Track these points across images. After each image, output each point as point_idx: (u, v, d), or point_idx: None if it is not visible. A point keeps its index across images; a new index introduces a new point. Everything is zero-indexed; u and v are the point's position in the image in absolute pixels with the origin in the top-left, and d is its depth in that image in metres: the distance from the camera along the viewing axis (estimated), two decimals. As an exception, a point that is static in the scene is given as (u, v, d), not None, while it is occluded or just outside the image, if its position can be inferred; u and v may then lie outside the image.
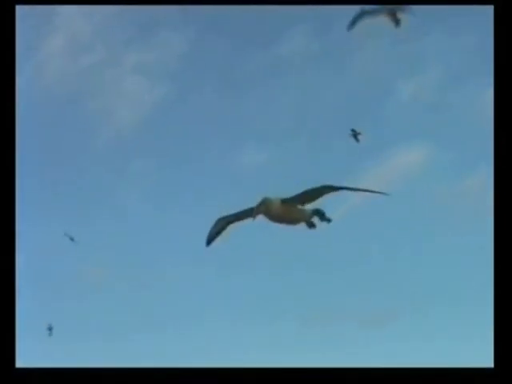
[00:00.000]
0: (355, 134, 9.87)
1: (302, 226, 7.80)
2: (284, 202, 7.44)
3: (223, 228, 7.76)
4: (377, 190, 7.24)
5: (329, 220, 7.70)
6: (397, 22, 8.78)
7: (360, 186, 7.52)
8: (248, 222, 7.58)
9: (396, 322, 12.79)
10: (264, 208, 7.30)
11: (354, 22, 8.90)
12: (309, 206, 7.67)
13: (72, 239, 10.53)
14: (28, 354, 6.53)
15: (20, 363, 5.20)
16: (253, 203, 7.44)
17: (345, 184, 7.30)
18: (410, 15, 8.40)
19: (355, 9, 9.06)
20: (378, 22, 8.79)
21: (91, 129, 14.71)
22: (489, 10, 5.17)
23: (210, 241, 7.69)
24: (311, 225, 7.77)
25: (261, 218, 7.48)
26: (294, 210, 7.56)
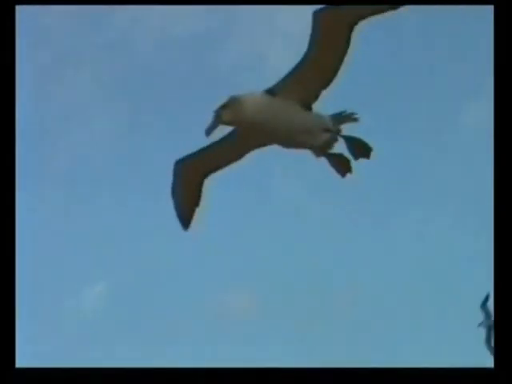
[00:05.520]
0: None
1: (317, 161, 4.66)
2: (273, 93, 4.39)
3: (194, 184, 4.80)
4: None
5: (369, 150, 4.63)
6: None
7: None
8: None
9: (392, 319, 12.81)
10: (231, 113, 4.26)
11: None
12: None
13: None
14: (28, 354, 6.52)
15: (20, 363, 5.20)
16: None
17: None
18: None
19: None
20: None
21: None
22: (489, 10, 5.16)
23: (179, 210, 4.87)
24: (340, 162, 4.56)
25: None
26: (294, 109, 4.40)
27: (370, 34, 4.74)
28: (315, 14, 4.39)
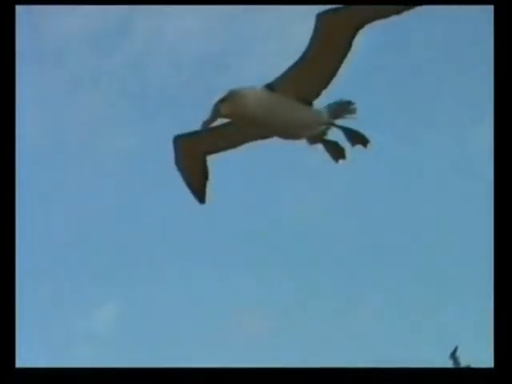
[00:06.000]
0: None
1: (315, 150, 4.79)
2: (272, 88, 4.45)
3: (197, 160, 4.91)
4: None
5: (366, 141, 4.70)
6: None
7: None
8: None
9: (392, 318, 12.81)
10: (231, 106, 4.32)
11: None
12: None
13: None
14: (28, 354, 6.52)
15: (20, 363, 5.20)
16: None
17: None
18: None
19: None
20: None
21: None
22: (489, 10, 5.16)
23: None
24: (334, 149, 4.65)
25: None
26: (293, 104, 4.44)
27: (368, 36, 4.76)
28: (319, 16, 4.40)
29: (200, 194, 5.26)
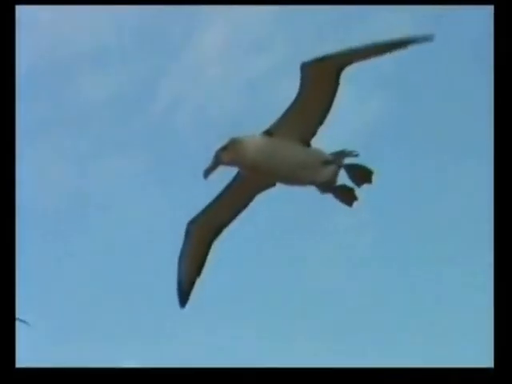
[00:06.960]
0: None
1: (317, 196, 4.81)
2: (270, 133, 4.61)
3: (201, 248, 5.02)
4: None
5: (370, 174, 4.73)
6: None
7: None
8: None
9: (394, 321, 12.80)
10: (231, 153, 4.50)
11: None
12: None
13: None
14: (28, 354, 6.51)
15: (20, 363, 5.20)
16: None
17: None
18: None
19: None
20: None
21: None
22: (489, 10, 5.17)
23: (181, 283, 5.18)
24: (344, 192, 4.70)
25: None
26: (292, 145, 4.57)
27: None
28: (303, 67, 4.55)
29: (185, 296, 5.34)
